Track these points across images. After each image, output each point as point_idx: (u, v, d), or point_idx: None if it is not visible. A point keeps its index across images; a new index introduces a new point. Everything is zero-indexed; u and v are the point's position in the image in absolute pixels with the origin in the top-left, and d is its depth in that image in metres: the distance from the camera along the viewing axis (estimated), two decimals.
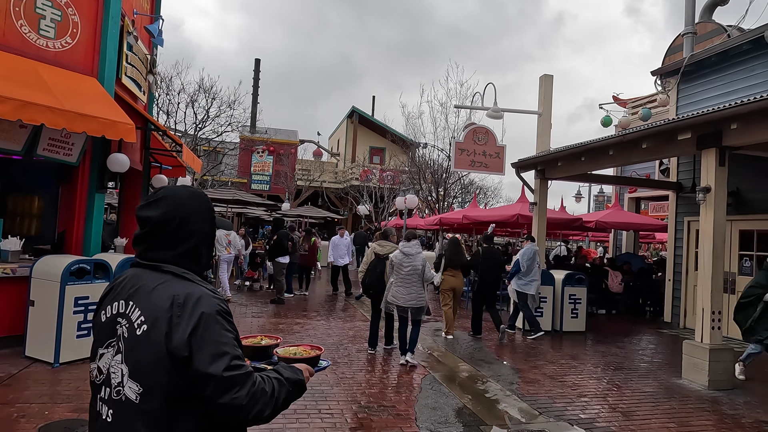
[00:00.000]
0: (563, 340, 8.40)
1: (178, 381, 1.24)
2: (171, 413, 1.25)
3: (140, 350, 1.26)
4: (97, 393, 1.35)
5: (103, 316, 1.38)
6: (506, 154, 9.88)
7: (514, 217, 10.49)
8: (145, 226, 1.38)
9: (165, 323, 1.25)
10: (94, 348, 1.39)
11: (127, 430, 1.25)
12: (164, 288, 1.31)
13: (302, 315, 9.28)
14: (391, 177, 29.38)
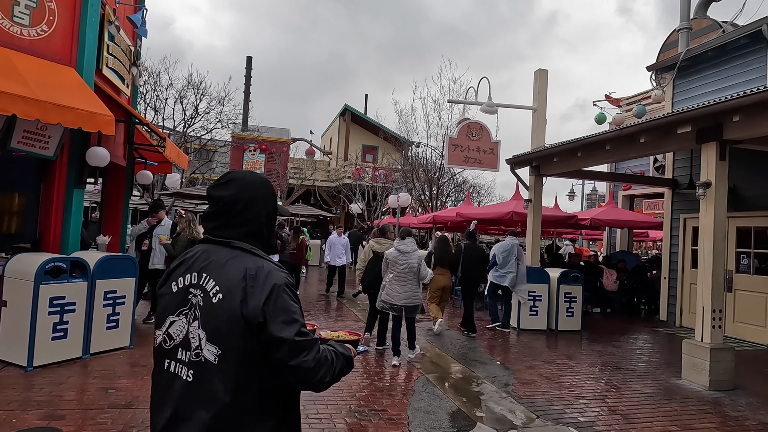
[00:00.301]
0: (559, 340, 8.23)
1: (252, 344, 1.37)
2: (245, 373, 1.37)
3: (216, 317, 1.38)
4: (166, 357, 1.45)
5: (174, 287, 1.49)
6: (501, 150, 9.70)
7: (509, 214, 10.31)
8: (215, 205, 1.52)
9: (240, 292, 1.37)
10: (162, 316, 1.49)
11: (207, 388, 1.36)
12: (236, 261, 1.44)
13: None
14: (383, 175, 29.20)
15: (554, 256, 12.63)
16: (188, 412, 1.38)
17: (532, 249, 9.64)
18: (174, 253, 6.92)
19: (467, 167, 10.08)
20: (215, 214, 1.52)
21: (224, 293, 1.39)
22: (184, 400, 1.40)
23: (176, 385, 1.42)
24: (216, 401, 1.35)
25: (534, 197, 9.63)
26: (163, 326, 1.49)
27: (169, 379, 1.45)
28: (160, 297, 1.54)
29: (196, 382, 1.39)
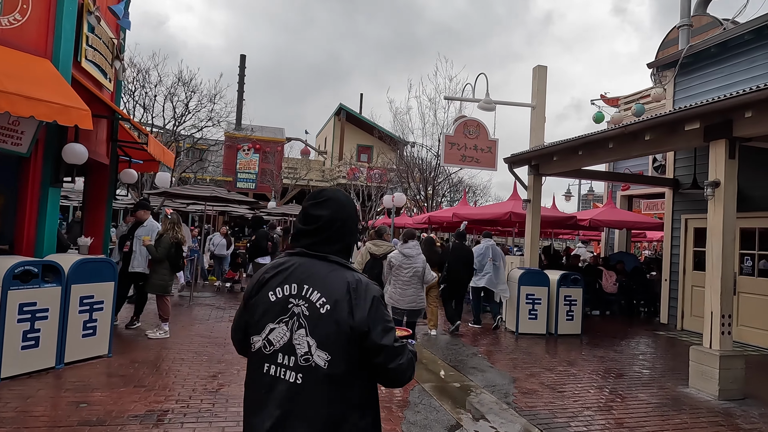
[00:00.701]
0: (559, 344, 7.95)
1: (356, 349, 1.52)
2: (351, 375, 1.52)
3: (326, 326, 1.51)
4: (265, 362, 1.56)
5: (271, 296, 1.59)
6: (498, 148, 9.42)
7: (507, 215, 10.04)
8: (315, 223, 1.63)
9: (346, 304, 1.51)
10: (260, 324, 1.58)
11: (317, 389, 1.49)
12: (336, 275, 1.57)
13: None
14: (378, 175, 28.90)
15: (553, 258, 12.37)
16: (301, 412, 1.50)
17: (531, 250, 9.37)
18: (157, 255, 6.60)
19: (464, 166, 9.80)
20: (315, 231, 1.64)
21: (332, 305, 1.53)
22: (293, 400, 1.51)
23: (280, 387, 1.53)
24: (328, 401, 1.50)
25: (533, 197, 9.35)
26: (263, 333, 1.59)
27: (269, 382, 1.55)
28: (254, 305, 1.63)
29: (306, 384, 1.51)
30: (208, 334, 7.07)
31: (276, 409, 1.52)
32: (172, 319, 7.95)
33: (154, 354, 5.91)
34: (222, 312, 8.96)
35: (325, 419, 1.50)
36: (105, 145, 7.88)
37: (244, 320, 1.68)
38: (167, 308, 6.74)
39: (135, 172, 8.30)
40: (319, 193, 1.69)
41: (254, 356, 1.61)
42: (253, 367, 1.61)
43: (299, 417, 1.51)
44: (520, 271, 8.75)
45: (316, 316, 1.53)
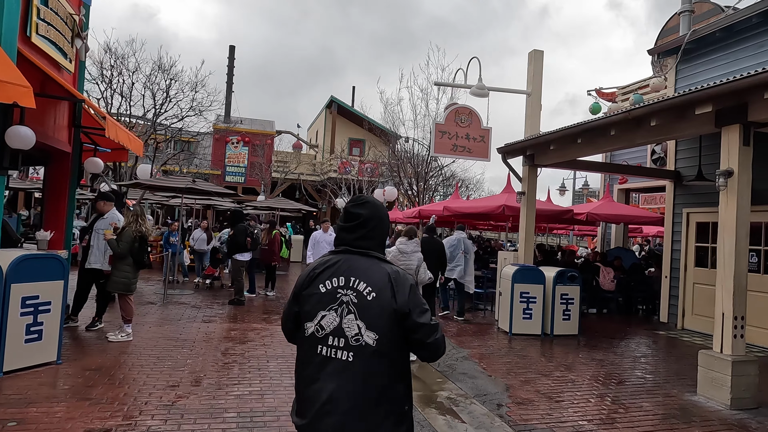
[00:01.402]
0: (555, 346, 7.47)
1: (399, 329, 1.83)
2: (394, 351, 1.84)
3: (372, 310, 1.81)
4: (318, 344, 1.83)
5: (321, 288, 1.87)
6: (492, 137, 8.88)
7: (500, 208, 9.53)
8: (355, 219, 1.94)
9: (389, 291, 1.82)
10: (312, 312, 1.86)
11: (366, 364, 1.79)
12: (377, 267, 1.88)
13: (261, 319, 8.17)
14: (370, 169, 28.34)
15: (548, 254, 11.88)
16: (353, 383, 1.78)
17: (525, 246, 8.87)
18: (118, 250, 6.02)
19: (455, 156, 9.27)
20: (356, 227, 1.92)
21: (377, 293, 1.82)
22: (345, 374, 1.78)
23: (332, 364, 1.80)
24: (377, 373, 1.80)
25: (527, 189, 8.84)
26: (315, 319, 1.85)
27: (321, 361, 1.82)
28: (306, 297, 1.88)
29: (356, 360, 1.79)
30: (176, 336, 6.51)
31: (330, 382, 1.78)
32: (140, 319, 7.40)
33: (110, 360, 5.35)
34: (196, 311, 8.39)
35: (373, 389, 1.78)
36: (66, 131, 7.27)
37: (294, 311, 1.95)
38: (130, 309, 6.17)
39: (100, 161, 7.68)
40: (358, 198, 2.01)
41: (307, 340, 1.87)
42: (306, 348, 1.87)
43: (351, 388, 1.77)
44: (514, 268, 8.25)
45: (363, 303, 1.81)
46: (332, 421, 1.77)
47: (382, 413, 1.80)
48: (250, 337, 6.81)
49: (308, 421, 1.83)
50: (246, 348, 6.24)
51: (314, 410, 1.80)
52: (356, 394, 1.78)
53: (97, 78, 13.28)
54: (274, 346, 6.41)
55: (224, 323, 7.59)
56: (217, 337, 6.68)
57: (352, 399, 1.77)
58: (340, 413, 1.77)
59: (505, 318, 8.23)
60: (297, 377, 1.92)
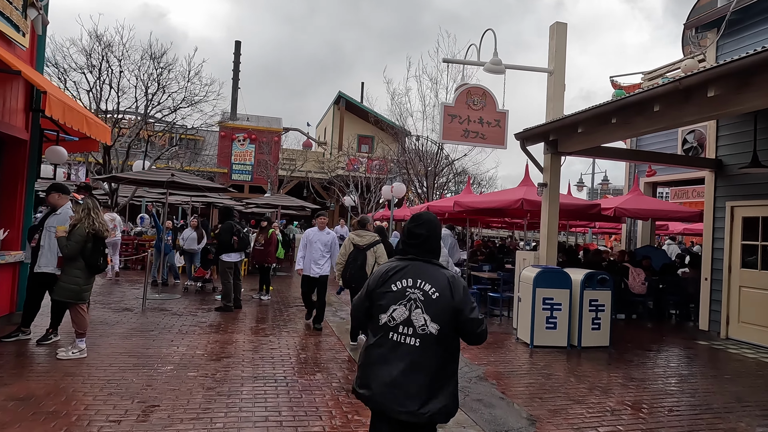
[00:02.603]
0: (584, 362, 6.41)
1: (454, 322, 2.33)
2: (450, 338, 2.36)
3: (436, 306, 2.32)
4: (390, 331, 2.35)
5: (393, 287, 2.38)
6: (509, 121, 7.82)
7: (518, 202, 8.47)
8: (418, 238, 2.47)
9: (449, 291, 2.33)
10: (385, 306, 2.38)
11: (430, 348, 2.29)
12: (438, 272, 2.40)
13: (248, 329, 7.21)
14: (379, 166, 27.37)
15: (571, 254, 10.78)
16: (419, 363, 2.29)
17: (548, 245, 7.81)
18: (67, 252, 5.10)
19: (467, 143, 8.23)
20: (420, 243, 2.47)
21: (440, 292, 2.34)
22: (413, 356, 2.29)
23: (403, 348, 2.31)
24: (438, 355, 2.31)
25: (550, 181, 7.78)
26: (387, 312, 2.38)
27: (393, 345, 2.34)
28: (380, 294, 2.41)
29: (423, 345, 2.30)
30: (140, 352, 5.57)
31: (400, 362, 2.30)
32: (107, 329, 6.50)
33: (48, 384, 4.42)
34: (175, 320, 7.45)
35: (434, 367, 2.30)
36: (21, 115, 6.39)
37: (365, 305, 2.50)
38: (83, 320, 5.24)
39: (63, 151, 6.81)
40: (417, 217, 2.54)
41: (380, 328, 2.39)
42: (379, 335, 2.39)
43: (418, 366, 2.29)
44: (536, 270, 7.20)
45: (429, 300, 2.34)
46: (398, 394, 2.27)
47: (438, 387, 2.30)
48: (229, 353, 5.85)
49: (376, 392, 2.31)
50: (221, 367, 5.27)
51: (384, 384, 2.30)
52: (418, 373, 2.28)
53: (84, 68, 12.47)
54: (256, 364, 5.44)
55: (203, 334, 6.65)
56: (189, 352, 5.73)
57: (415, 376, 2.27)
58: (404, 387, 2.27)
59: (525, 327, 7.19)
60: (367, 356, 2.41)
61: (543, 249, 7.84)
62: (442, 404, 2.30)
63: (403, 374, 2.27)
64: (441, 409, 2.30)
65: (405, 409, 2.25)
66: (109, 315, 7.47)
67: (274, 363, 5.54)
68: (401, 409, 2.25)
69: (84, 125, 5.72)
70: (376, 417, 2.41)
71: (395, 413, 2.26)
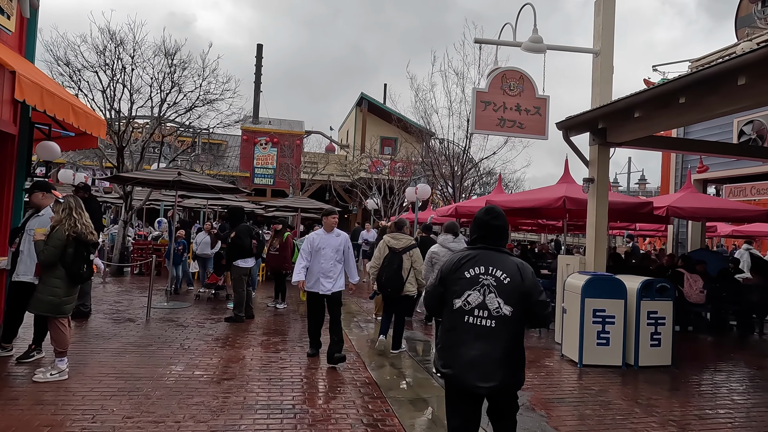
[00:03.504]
0: (645, 385, 5.45)
1: (524, 304, 2.59)
2: (521, 319, 2.62)
3: (508, 290, 2.58)
4: (466, 314, 2.62)
5: (467, 274, 2.65)
6: (549, 108, 6.92)
7: (559, 201, 7.54)
8: (492, 228, 2.75)
9: (519, 277, 2.61)
10: (460, 291, 2.64)
11: (504, 329, 2.57)
12: (507, 259, 2.68)
13: (259, 344, 6.46)
14: (402, 168, 26.58)
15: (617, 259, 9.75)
16: (494, 343, 2.56)
17: (596, 248, 6.87)
18: (44, 258, 4.43)
19: (502, 133, 7.34)
20: (494, 234, 2.75)
21: (510, 277, 2.61)
22: (489, 336, 2.57)
23: (477, 329, 2.59)
24: (511, 334, 2.59)
25: (598, 176, 6.85)
26: (462, 297, 2.64)
27: (469, 327, 2.61)
28: (454, 280, 2.67)
29: (498, 326, 2.57)
30: (131, 373, 4.86)
31: (477, 342, 2.58)
32: (101, 343, 5.86)
33: (13, 416, 3.73)
34: (179, 332, 6.76)
35: (507, 346, 2.58)
36: (8, 107, 5.78)
37: (439, 291, 2.76)
38: (63, 337, 4.56)
39: (56, 147, 6.20)
40: (492, 210, 2.81)
41: (456, 312, 2.65)
42: (455, 318, 2.65)
43: (493, 346, 2.56)
44: (584, 277, 6.27)
45: (501, 285, 2.60)
46: (478, 370, 2.56)
47: (510, 363, 2.61)
48: (233, 373, 5.11)
49: (457, 370, 2.61)
50: (220, 392, 4.52)
51: (463, 362, 2.59)
52: (495, 350, 2.57)
53: (97, 66, 12.04)
54: (261, 389, 4.67)
55: (207, 350, 5.92)
56: (187, 373, 5.00)
57: (492, 354, 2.56)
58: (483, 364, 2.56)
59: (572, 343, 6.26)
60: (445, 339, 2.71)
61: (590, 253, 6.90)
62: (516, 378, 2.66)
63: (481, 353, 2.56)
64: (516, 383, 2.67)
65: (485, 384, 2.54)
66: (108, 326, 6.83)
67: (282, 387, 4.76)
68: (482, 384, 2.54)
69: (70, 115, 5.07)
70: (456, 394, 2.71)
71: (476, 389, 2.56)
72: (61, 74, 12.05)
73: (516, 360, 2.63)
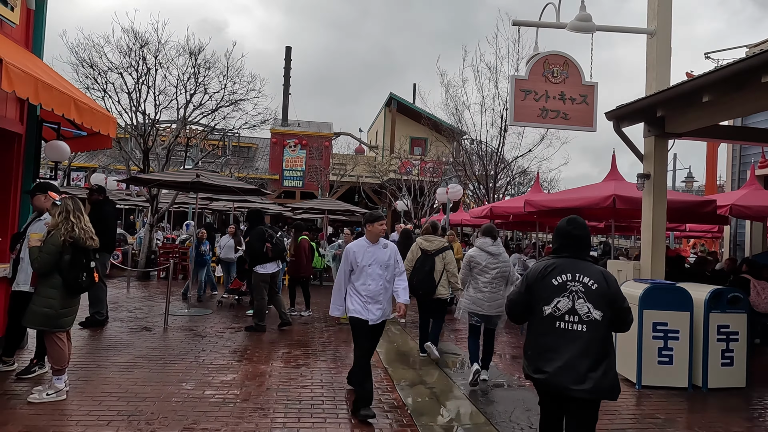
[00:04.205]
0: (718, 412, 4.69)
1: (611, 309, 2.74)
2: (609, 324, 2.76)
3: (596, 296, 2.72)
4: (556, 320, 2.76)
5: (554, 282, 2.79)
6: (598, 96, 6.19)
7: (608, 200, 6.78)
8: (575, 239, 2.88)
9: (605, 283, 2.74)
10: (549, 298, 2.79)
11: (595, 333, 2.69)
12: (593, 267, 2.82)
13: (279, 357, 5.96)
14: (432, 168, 25.92)
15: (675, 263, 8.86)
16: (586, 347, 2.68)
17: (654, 253, 6.11)
18: (37, 265, 4.03)
19: (545, 125, 6.61)
20: (578, 243, 2.89)
21: (597, 284, 2.74)
22: (581, 340, 2.70)
23: (569, 334, 2.72)
24: (603, 338, 2.72)
25: (655, 171, 6.09)
26: (551, 303, 2.78)
27: (561, 332, 2.74)
28: (539, 288, 2.83)
29: (589, 330, 2.70)
30: (136, 392, 4.42)
31: (570, 346, 2.70)
32: (111, 355, 5.47)
33: None
34: (197, 343, 6.33)
35: (599, 349, 2.69)
36: (14, 104, 5.48)
37: (524, 299, 2.91)
38: (61, 353, 4.14)
39: (65, 147, 5.87)
40: (574, 220, 2.93)
41: (546, 318, 2.79)
42: (545, 324, 2.80)
43: (586, 350, 2.68)
44: (641, 286, 5.52)
45: (589, 290, 2.74)
46: (572, 374, 2.66)
47: (602, 366, 2.68)
48: (247, 393, 4.61)
49: (550, 374, 2.71)
50: (231, 418, 4.02)
51: (556, 366, 2.69)
52: (587, 354, 2.67)
53: (122, 68, 11.88)
54: (277, 413, 4.16)
55: (222, 365, 5.45)
56: (196, 393, 4.53)
57: (585, 357, 2.67)
58: (576, 368, 2.66)
59: (627, 361, 5.52)
60: (535, 344, 2.83)
61: (646, 258, 6.15)
62: (611, 382, 2.71)
63: (574, 357, 2.68)
64: (612, 387, 2.71)
65: (580, 387, 2.65)
66: (122, 336, 6.46)
67: (300, 410, 4.23)
68: (577, 387, 2.65)
69: (71, 110, 4.68)
70: (548, 397, 2.87)
71: (571, 392, 2.66)
72: (86, 76, 11.95)
73: (608, 364, 2.71)
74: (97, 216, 6.69)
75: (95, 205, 6.67)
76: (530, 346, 2.86)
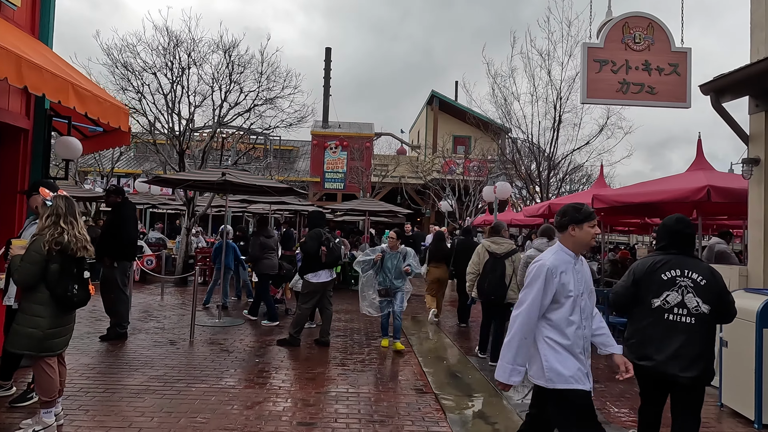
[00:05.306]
0: None
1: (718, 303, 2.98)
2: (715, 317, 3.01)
3: (705, 291, 2.95)
4: (665, 313, 3.00)
5: (663, 276, 3.03)
6: (691, 65, 5.07)
7: (701, 191, 5.63)
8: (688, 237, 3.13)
9: (713, 278, 2.98)
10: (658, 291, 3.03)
11: (702, 325, 2.93)
12: (700, 264, 3.06)
13: (306, 377, 5.18)
14: (477, 167, 24.77)
15: None
16: (695, 338, 2.92)
17: (766, 257, 4.93)
18: (18, 277, 3.39)
19: (625, 102, 5.45)
20: (685, 241, 3.12)
21: (706, 279, 2.96)
22: (689, 332, 2.93)
23: (678, 326, 2.95)
24: (707, 331, 2.96)
25: (765, 155, 4.93)
26: (660, 297, 3.02)
27: (670, 324, 2.97)
28: (647, 282, 3.07)
29: (696, 323, 2.94)
30: (139, 426, 3.72)
31: (678, 337, 2.93)
32: (128, 375, 4.83)
33: None
34: (222, 359, 5.64)
35: (705, 341, 2.94)
36: (19, 97, 4.95)
37: (631, 291, 3.14)
38: (51, 383, 3.48)
39: (77, 143, 5.31)
40: (682, 219, 3.14)
41: (655, 310, 3.03)
42: (653, 316, 3.04)
43: (694, 340, 2.91)
44: (758, 298, 4.39)
45: (697, 286, 2.96)
46: (680, 362, 2.89)
47: (707, 356, 2.94)
48: (271, 427, 3.83)
49: (658, 361, 2.95)
50: None
51: (664, 355, 2.93)
52: (695, 345, 2.90)
53: (156, 68, 11.56)
54: None
55: (245, 389, 4.71)
56: (210, 426, 3.79)
57: (693, 348, 2.89)
58: (685, 356, 2.88)
59: (740, 391, 4.40)
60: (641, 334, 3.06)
61: (757, 262, 4.99)
62: (712, 369, 2.99)
63: (682, 347, 2.90)
64: (711, 374, 3.00)
65: (688, 374, 2.87)
66: (143, 351, 5.86)
67: None
68: (685, 374, 2.87)
69: (69, 96, 4.05)
70: (651, 384, 3.15)
71: (679, 378, 2.89)
72: (122, 77, 11.68)
73: (711, 354, 2.97)
74: (116, 219, 6.15)
75: (114, 208, 6.13)
76: (634, 334, 3.11)
